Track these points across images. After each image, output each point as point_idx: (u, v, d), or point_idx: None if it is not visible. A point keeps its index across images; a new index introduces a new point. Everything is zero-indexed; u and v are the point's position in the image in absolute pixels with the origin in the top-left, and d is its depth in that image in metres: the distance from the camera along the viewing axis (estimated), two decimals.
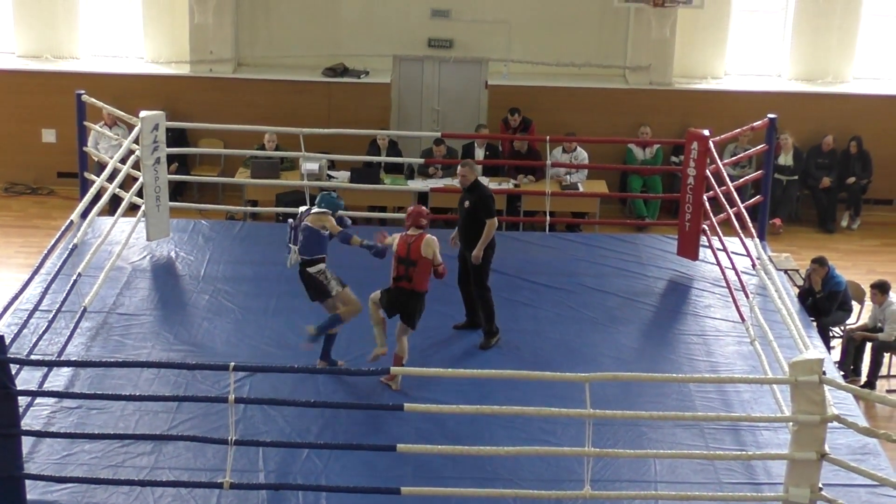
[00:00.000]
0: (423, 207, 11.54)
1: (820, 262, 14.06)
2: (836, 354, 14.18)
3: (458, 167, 12.35)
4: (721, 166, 13.83)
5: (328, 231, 11.19)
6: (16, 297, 11.07)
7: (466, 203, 12.11)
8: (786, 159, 18.45)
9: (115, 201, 14.04)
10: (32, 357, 10.88)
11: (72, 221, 12.44)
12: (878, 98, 19.11)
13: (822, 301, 13.98)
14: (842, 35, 19.11)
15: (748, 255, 12.89)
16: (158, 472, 9.98)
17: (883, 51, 19.44)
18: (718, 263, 13.60)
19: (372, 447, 9.92)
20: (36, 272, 11.55)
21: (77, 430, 10.37)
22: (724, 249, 13.46)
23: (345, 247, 11.30)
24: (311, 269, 11.25)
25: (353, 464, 10.10)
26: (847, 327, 14.42)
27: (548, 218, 15.47)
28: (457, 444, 10.04)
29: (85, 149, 15.05)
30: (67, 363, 11.28)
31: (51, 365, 11.10)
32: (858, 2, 19.01)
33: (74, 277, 12.11)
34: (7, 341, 9.44)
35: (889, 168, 18.91)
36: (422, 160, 16.97)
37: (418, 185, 16.89)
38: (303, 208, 11.62)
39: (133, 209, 14.31)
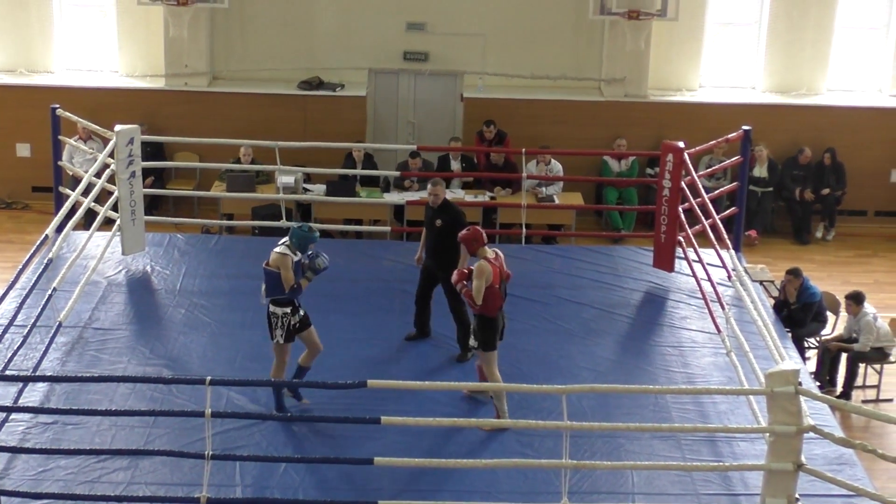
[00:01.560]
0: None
1: (794, 273, 14.11)
2: (812, 365, 14.22)
3: (429, 185, 12.31)
4: (696, 178, 13.87)
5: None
6: None
7: (438, 222, 12.07)
8: (760, 171, 18.52)
9: (90, 215, 13.99)
10: (7, 373, 10.83)
11: (47, 236, 12.40)
12: (851, 110, 19.20)
13: (797, 312, 14.03)
14: (815, 47, 19.21)
15: (724, 266, 12.93)
16: (135, 487, 9.94)
17: (856, 63, 19.54)
18: (694, 275, 13.63)
19: (349, 461, 9.92)
20: (11, 287, 11.52)
21: (53, 445, 10.33)
22: (700, 261, 13.50)
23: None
24: (271, 308, 10.87)
25: (330, 477, 10.09)
26: (822, 338, 14.46)
27: (524, 230, 15.49)
28: (434, 457, 10.04)
29: (60, 163, 15.01)
30: (43, 378, 11.23)
31: (26, 380, 11.05)
32: (831, 14, 19.11)
33: (49, 292, 12.07)
34: None
35: (863, 179, 19.00)
36: (397, 173, 16.96)
37: (394, 197, 16.89)
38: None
39: (108, 223, 14.26)
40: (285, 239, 10.87)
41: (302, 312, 10.94)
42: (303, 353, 11.20)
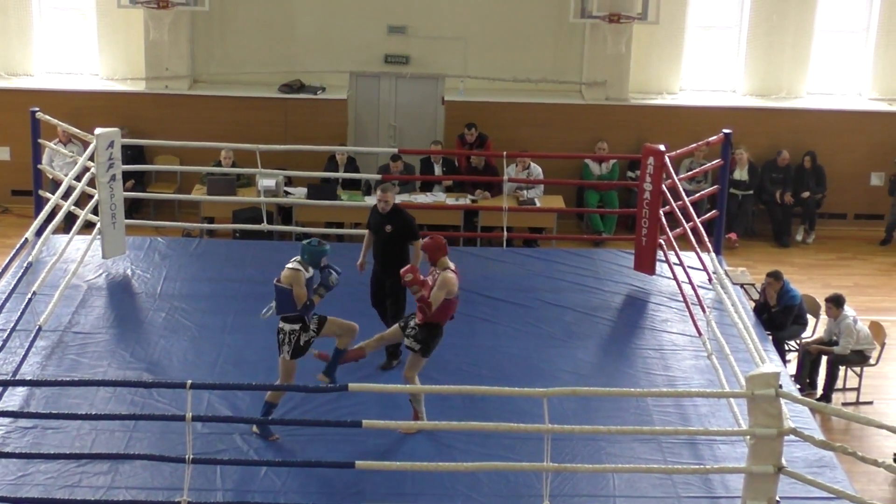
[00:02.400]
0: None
1: (775, 276, 14.13)
2: (792, 368, 14.26)
3: (380, 192, 12.04)
4: (677, 181, 13.88)
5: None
6: None
7: (388, 228, 11.92)
8: (741, 174, 18.56)
9: (70, 219, 13.95)
10: None
11: (26, 239, 12.35)
12: (831, 113, 19.28)
13: (778, 315, 14.06)
14: (795, 51, 19.28)
15: (704, 269, 12.96)
16: (115, 491, 9.89)
17: (836, 66, 19.62)
18: (675, 278, 13.65)
19: (330, 464, 9.90)
20: None
21: (32, 450, 10.28)
22: (681, 264, 13.52)
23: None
24: (280, 324, 10.65)
25: (311, 481, 10.07)
26: (802, 341, 14.50)
27: (505, 233, 15.49)
28: (415, 460, 10.03)
29: (40, 166, 14.96)
30: (22, 383, 11.20)
31: (5, 384, 11.00)
32: (811, 18, 19.18)
33: (29, 296, 12.02)
34: None
35: (843, 182, 19.08)
36: (379, 176, 16.94)
37: (375, 201, 16.85)
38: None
39: (88, 227, 14.21)
40: (296, 256, 10.64)
41: (314, 327, 10.63)
42: (338, 339, 10.88)
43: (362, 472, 9.88)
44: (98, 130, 13.71)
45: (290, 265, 10.54)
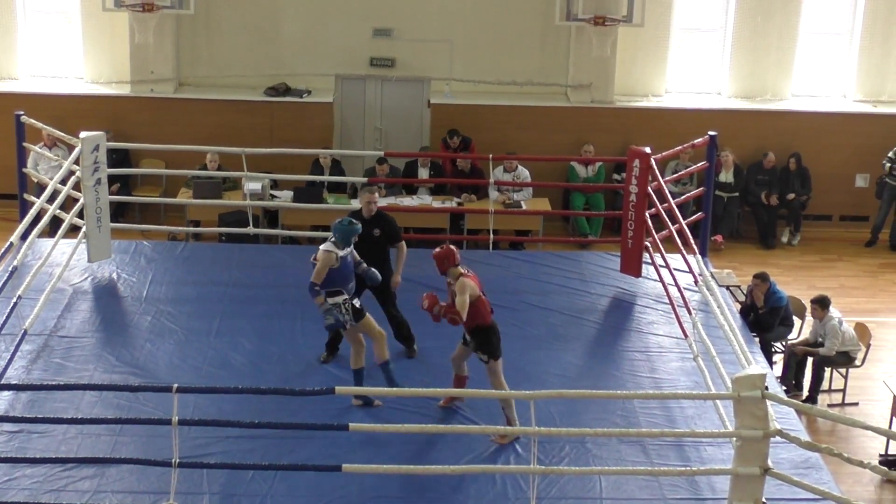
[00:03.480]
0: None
1: (762, 277, 14.16)
2: (778, 369, 14.28)
3: (366, 194, 12.17)
4: (663, 183, 13.91)
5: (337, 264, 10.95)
6: None
7: (376, 232, 12.01)
8: (726, 176, 18.60)
9: (55, 223, 13.92)
10: None
11: (11, 243, 12.33)
12: (816, 115, 19.33)
13: (764, 316, 14.08)
14: (780, 53, 19.33)
15: (690, 271, 12.99)
16: (101, 495, 9.88)
17: (820, 68, 19.67)
18: (661, 280, 13.67)
19: (317, 468, 9.88)
20: None
21: (18, 454, 10.25)
22: (667, 266, 13.53)
23: None
24: (329, 301, 11.01)
25: (298, 485, 10.05)
26: (788, 342, 14.53)
27: (491, 236, 15.50)
28: (402, 463, 10.02)
29: (24, 170, 14.93)
30: (7, 387, 11.15)
31: None
32: (796, 20, 19.23)
33: (14, 300, 11.98)
34: None
35: (828, 184, 19.12)
36: (365, 179, 16.94)
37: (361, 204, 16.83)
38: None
39: (74, 231, 14.18)
40: (331, 235, 11.06)
41: (358, 304, 11.13)
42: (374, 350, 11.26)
43: (349, 475, 9.87)
44: (83, 134, 13.68)
45: (324, 245, 10.99)
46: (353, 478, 10.03)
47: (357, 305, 11.11)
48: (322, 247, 10.98)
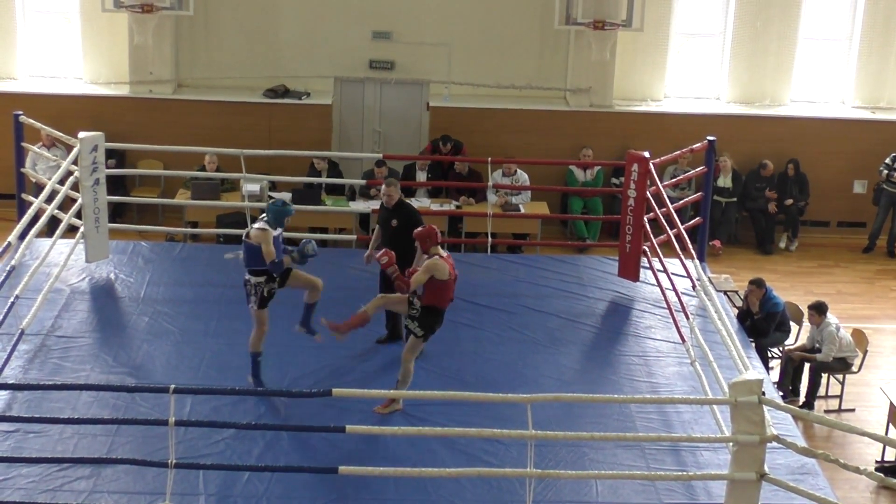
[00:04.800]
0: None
1: (757, 283, 14.16)
2: (775, 375, 14.29)
3: (384, 186, 12.39)
4: (661, 188, 13.92)
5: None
6: None
7: (394, 222, 12.15)
8: (725, 181, 18.61)
9: (53, 223, 13.91)
10: None
11: (9, 243, 12.34)
12: (814, 121, 19.34)
13: (761, 322, 14.09)
14: (779, 59, 19.34)
15: (688, 276, 12.99)
16: (97, 495, 9.88)
17: (819, 74, 19.69)
18: (659, 285, 13.68)
19: (314, 469, 9.88)
20: None
21: (14, 453, 10.25)
22: (665, 271, 13.55)
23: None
24: (247, 276, 11.29)
25: (294, 486, 10.05)
26: (785, 348, 14.53)
27: (489, 239, 15.51)
28: (398, 465, 10.02)
29: (23, 170, 14.92)
30: (4, 386, 11.16)
31: None
32: (795, 26, 19.25)
33: (12, 300, 11.98)
34: None
35: (826, 190, 19.13)
36: (363, 181, 16.96)
37: (360, 206, 16.86)
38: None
39: (72, 231, 14.18)
40: (263, 215, 11.24)
41: (278, 280, 11.28)
42: (306, 293, 11.57)
43: (346, 477, 9.88)
44: (82, 134, 13.69)
45: (257, 224, 11.16)
46: (349, 480, 10.03)
47: (266, 294, 11.26)
48: (256, 226, 11.17)
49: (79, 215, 13.99)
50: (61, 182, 13.62)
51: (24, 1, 19.07)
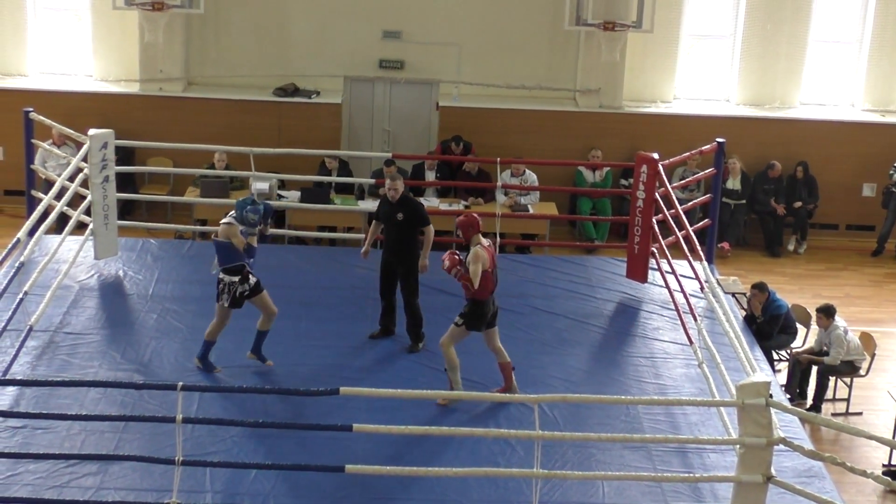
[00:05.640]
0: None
1: (760, 287, 14.14)
2: (783, 378, 14.27)
3: (389, 180, 12.43)
4: (670, 190, 13.91)
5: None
6: None
7: (399, 216, 12.22)
8: (734, 183, 18.59)
9: (62, 220, 13.93)
10: None
11: (18, 239, 12.36)
12: (824, 123, 19.31)
13: (764, 325, 14.06)
14: (789, 61, 19.32)
15: (696, 278, 12.98)
16: (104, 492, 9.89)
17: (829, 77, 19.67)
18: (667, 286, 13.66)
19: (320, 468, 9.87)
20: None
21: (22, 450, 10.27)
22: (673, 272, 13.53)
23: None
24: (221, 275, 11.52)
25: (301, 485, 10.06)
26: (793, 351, 14.51)
27: (498, 239, 15.49)
28: (405, 465, 10.02)
29: (32, 167, 14.94)
30: (12, 382, 11.19)
31: None
32: (805, 29, 19.23)
33: (21, 296, 12.00)
34: None
35: (835, 193, 19.11)
36: (372, 180, 16.96)
37: (369, 205, 16.85)
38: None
39: (81, 228, 14.20)
40: (231, 212, 11.53)
41: (253, 280, 11.56)
42: (260, 318, 11.77)
43: (352, 476, 9.88)
44: (92, 132, 13.72)
45: (224, 220, 11.44)
46: (356, 478, 10.04)
47: (239, 294, 11.49)
48: (223, 221, 11.47)
49: (88, 212, 14.01)
50: (71, 179, 13.64)
51: None
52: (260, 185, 16.46)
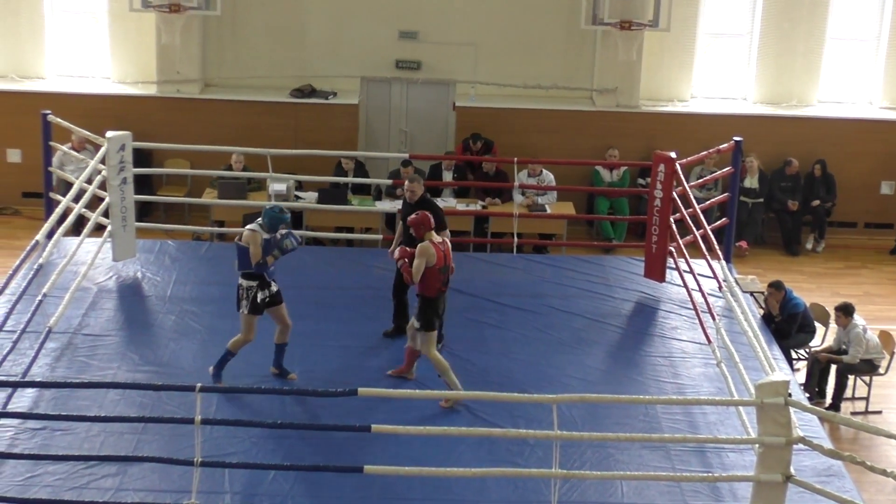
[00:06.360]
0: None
1: (776, 286, 14.10)
2: (802, 377, 14.24)
3: (407, 182, 12.48)
4: (687, 188, 13.89)
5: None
6: None
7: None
8: (751, 182, 18.55)
9: (80, 222, 13.97)
10: None
11: (37, 242, 12.39)
12: (842, 121, 19.26)
13: (782, 324, 14.02)
14: (806, 59, 19.27)
15: (714, 277, 12.96)
16: (123, 493, 9.91)
17: (847, 75, 19.61)
18: (685, 285, 13.65)
19: (339, 468, 9.88)
20: (0, 292, 11.49)
21: (41, 451, 10.30)
22: (691, 271, 13.51)
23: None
24: (240, 280, 11.44)
25: (319, 485, 10.07)
26: (812, 349, 14.48)
27: (515, 239, 15.50)
28: (423, 465, 10.02)
29: (50, 169, 14.99)
30: (31, 384, 11.21)
31: (15, 386, 11.02)
32: (822, 26, 19.17)
33: (39, 298, 12.04)
34: None
35: (853, 191, 19.05)
36: (389, 181, 16.97)
37: (386, 205, 16.88)
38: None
39: (99, 229, 14.24)
40: (259, 218, 11.44)
41: (274, 288, 11.50)
42: (276, 332, 11.70)
43: (371, 476, 9.88)
44: (109, 133, 13.75)
45: (249, 226, 11.38)
46: (375, 479, 10.03)
47: (259, 300, 11.39)
48: (248, 227, 11.41)
49: (106, 214, 14.05)
50: (89, 181, 13.68)
51: (52, 0, 19.15)
52: (277, 186, 16.58)
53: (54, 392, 11.28)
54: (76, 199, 13.34)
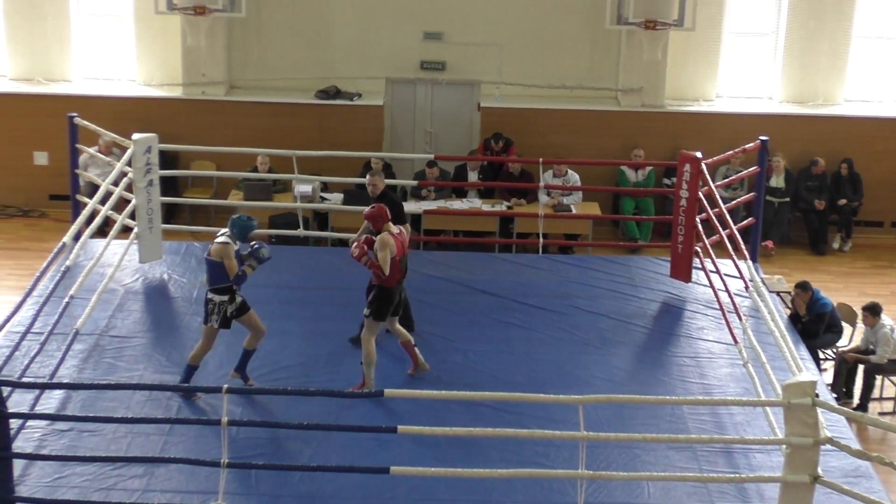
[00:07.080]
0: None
1: (803, 286, 14.05)
2: (829, 377, 14.18)
3: (369, 176, 12.52)
4: (713, 188, 13.85)
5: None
6: (7, 320, 11.10)
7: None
8: (777, 181, 18.49)
9: (107, 224, 14.02)
10: (24, 379, 10.86)
11: (64, 244, 12.45)
12: (868, 120, 19.16)
13: (809, 324, 13.97)
14: (832, 58, 19.19)
15: (741, 277, 12.91)
16: (150, 494, 9.95)
17: (873, 73, 19.52)
18: (711, 285, 13.60)
19: (365, 469, 9.88)
20: (28, 294, 11.57)
21: (69, 452, 10.34)
22: (717, 271, 13.47)
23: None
24: (210, 295, 11.34)
25: (345, 486, 10.08)
26: (839, 349, 14.42)
27: (541, 240, 15.48)
28: (449, 466, 10.02)
29: (77, 171, 15.05)
30: (59, 385, 11.26)
31: (42, 387, 11.06)
32: (849, 24, 19.09)
33: (66, 300, 12.10)
34: None
35: (880, 190, 18.96)
36: (415, 182, 16.98)
37: (411, 206, 16.83)
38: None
39: (125, 231, 14.29)
40: (225, 230, 11.35)
41: (239, 300, 11.38)
42: (247, 337, 11.60)
43: (397, 477, 9.88)
44: (135, 136, 13.80)
45: (219, 239, 11.25)
46: (401, 480, 10.04)
47: (228, 314, 11.31)
48: (217, 240, 11.24)
49: (132, 216, 14.10)
50: (115, 183, 13.73)
51: (78, 4, 19.24)
52: (303, 187, 16.60)
53: (82, 393, 11.33)
54: (103, 202, 13.39)
